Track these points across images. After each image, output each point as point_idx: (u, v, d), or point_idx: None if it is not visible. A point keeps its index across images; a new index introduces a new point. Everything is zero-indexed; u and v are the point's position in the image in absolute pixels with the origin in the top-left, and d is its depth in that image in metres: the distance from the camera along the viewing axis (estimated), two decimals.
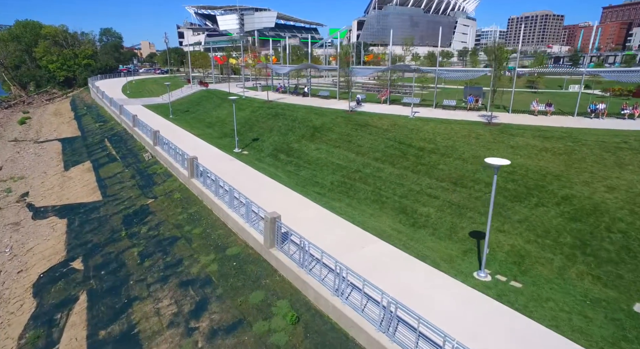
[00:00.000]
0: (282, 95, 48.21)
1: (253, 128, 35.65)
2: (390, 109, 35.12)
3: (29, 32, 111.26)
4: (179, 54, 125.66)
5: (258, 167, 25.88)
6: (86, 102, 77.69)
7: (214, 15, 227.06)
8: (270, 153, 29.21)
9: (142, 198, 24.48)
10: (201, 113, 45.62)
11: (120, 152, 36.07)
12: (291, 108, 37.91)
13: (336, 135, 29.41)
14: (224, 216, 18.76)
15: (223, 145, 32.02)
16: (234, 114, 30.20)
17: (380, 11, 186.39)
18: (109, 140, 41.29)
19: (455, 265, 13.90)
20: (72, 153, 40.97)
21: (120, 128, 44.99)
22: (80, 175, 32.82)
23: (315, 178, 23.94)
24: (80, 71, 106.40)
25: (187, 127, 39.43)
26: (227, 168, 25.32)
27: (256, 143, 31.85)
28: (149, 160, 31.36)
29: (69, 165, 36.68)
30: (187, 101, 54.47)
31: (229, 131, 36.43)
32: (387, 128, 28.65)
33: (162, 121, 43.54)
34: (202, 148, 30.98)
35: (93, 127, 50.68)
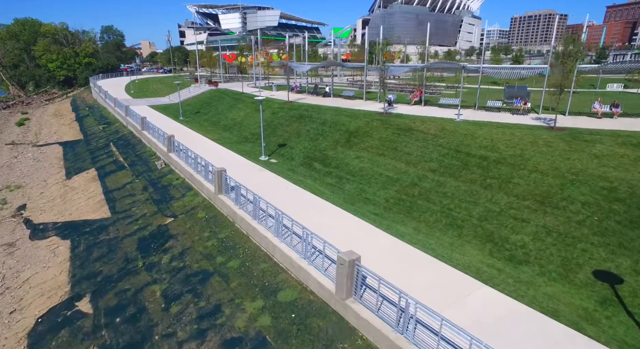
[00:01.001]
0: (300, 95, 44.45)
1: (276, 131, 31.88)
2: (427, 111, 31.41)
3: (28, 30, 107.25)
4: (183, 53, 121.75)
5: (293, 178, 22.14)
6: (87, 102, 73.79)
7: (215, 14, 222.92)
8: (302, 161, 25.48)
9: (158, 216, 20.73)
10: (214, 115, 41.84)
11: (128, 158, 32.28)
12: (316, 109, 34.16)
13: (377, 141, 25.68)
14: (267, 246, 15.04)
15: (246, 151, 28.25)
16: (260, 117, 26.40)
17: (386, 10, 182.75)
18: (115, 145, 37.48)
19: (604, 328, 10.19)
20: (75, 158, 37.15)
21: (127, 131, 41.18)
22: (85, 185, 29.03)
23: (365, 193, 20.23)
24: (81, 70, 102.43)
25: (201, 131, 35.65)
26: (259, 180, 21.57)
27: (284, 149, 28.10)
28: (162, 168, 27.60)
29: (71, 173, 32.88)
30: (196, 101, 50.66)
31: (249, 135, 32.68)
32: (435, 134, 24.93)
33: (172, 124, 39.75)
34: (223, 155, 27.22)
35: (96, 130, 46.85)
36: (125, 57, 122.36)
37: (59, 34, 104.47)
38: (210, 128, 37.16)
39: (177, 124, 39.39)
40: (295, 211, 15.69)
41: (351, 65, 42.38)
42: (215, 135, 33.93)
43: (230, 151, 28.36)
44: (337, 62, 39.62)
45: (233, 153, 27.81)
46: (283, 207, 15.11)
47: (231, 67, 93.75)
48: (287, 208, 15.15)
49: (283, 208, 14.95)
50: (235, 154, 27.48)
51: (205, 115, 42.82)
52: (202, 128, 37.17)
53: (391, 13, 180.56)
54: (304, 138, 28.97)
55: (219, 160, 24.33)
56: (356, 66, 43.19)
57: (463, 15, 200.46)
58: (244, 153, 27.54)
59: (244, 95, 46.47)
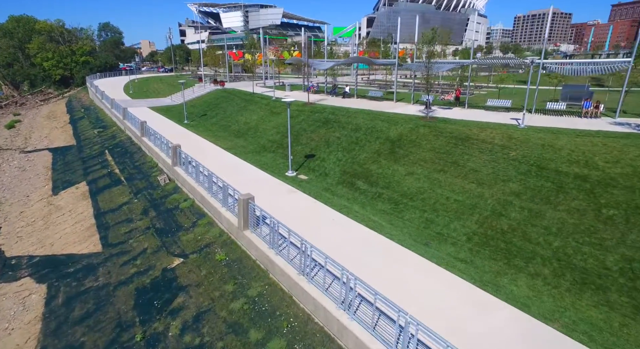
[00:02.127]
0: (318, 96, 39.51)
1: (299, 139, 26.94)
2: (475, 115, 26.54)
3: (22, 27, 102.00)
4: (185, 51, 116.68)
5: (335, 203, 17.23)
6: (84, 103, 68.72)
7: (216, 13, 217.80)
8: (340, 179, 20.53)
9: (162, 254, 15.81)
10: (223, 118, 36.86)
11: (125, 169, 27.34)
12: (343, 112, 29.23)
13: (429, 153, 20.75)
14: (328, 321, 10.13)
15: (267, 164, 23.30)
16: (288, 125, 21.56)
17: (391, 8, 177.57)
18: (111, 153, 32.52)
19: None
20: (64, 168, 32.17)
21: (124, 137, 36.21)
22: (73, 204, 24.08)
23: (434, 225, 15.33)
24: (78, 69, 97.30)
25: (210, 137, 30.69)
26: (292, 206, 16.68)
27: (313, 162, 23.16)
28: (165, 184, 22.67)
29: (58, 187, 27.90)
30: (202, 103, 45.68)
31: (267, 143, 27.71)
32: (503, 144, 20.01)
33: (176, 128, 34.80)
34: (241, 169, 22.30)
35: (91, 134, 41.85)
36: (125, 56, 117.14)
37: (54, 32, 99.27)
38: (220, 133, 32.19)
39: (181, 129, 34.43)
40: (352, 257, 10.91)
41: (381, 62, 37.39)
42: (227, 142, 28.96)
43: (248, 164, 23.40)
44: (363, 57, 34.63)
45: (252, 166, 22.86)
46: (337, 252, 10.32)
47: (235, 65, 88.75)
48: (342, 253, 10.37)
49: (336, 252, 10.18)
50: (255, 168, 22.52)
51: (213, 118, 37.86)
52: (211, 133, 32.21)
53: (396, 11, 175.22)
54: (335, 148, 24.04)
55: (236, 176, 19.46)
56: (387, 63, 38.28)
57: (469, 13, 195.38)
58: (265, 167, 22.59)
59: (255, 96, 41.52)
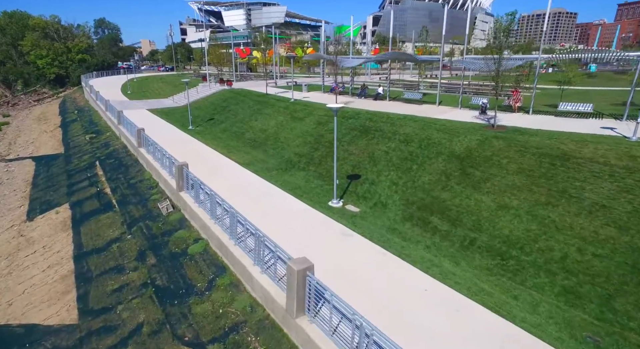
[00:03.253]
0: (344, 98, 34.16)
1: (333, 152, 21.57)
2: (550, 123, 21.24)
3: (15, 23, 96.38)
4: (186, 50, 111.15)
5: (414, 255, 11.90)
6: (78, 104, 63.27)
7: (217, 12, 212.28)
8: (405, 212, 15.13)
9: (165, 338, 10.46)
10: (235, 124, 31.46)
11: (118, 189, 21.97)
12: (383, 118, 23.88)
13: (519, 177, 15.40)
14: None
15: (299, 188, 17.92)
16: (334, 137, 16.31)
17: (397, 6, 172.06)
18: (102, 165, 27.14)
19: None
20: (46, 184, 26.78)
21: (119, 145, 30.85)
22: (49, 237, 18.71)
23: (586, 302, 10.00)
24: (74, 68, 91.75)
25: (220, 148, 25.34)
26: (352, 260, 11.37)
27: (361, 185, 17.76)
28: (168, 214, 17.32)
29: (35, 210, 22.50)
30: (208, 105, 40.28)
31: (294, 157, 22.31)
32: (627, 166, 14.68)
33: (179, 135, 29.45)
34: (268, 196, 16.94)
35: (82, 141, 36.44)
36: (123, 54, 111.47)
37: (49, 28, 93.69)
38: (233, 143, 26.81)
39: (185, 136, 29.06)
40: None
41: (424, 59, 31.91)
42: (242, 155, 23.59)
43: (275, 187, 18.03)
44: (401, 53, 29.31)
45: (281, 191, 17.48)
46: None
47: (240, 64, 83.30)
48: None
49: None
50: (285, 194, 17.15)
51: (221, 124, 32.47)
52: (221, 143, 26.84)
53: (403, 9, 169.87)
54: (385, 166, 18.68)
55: (264, 208, 14.15)
56: (431, 59, 32.97)
57: (476, 12, 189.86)
58: (299, 192, 17.23)
59: (269, 97, 36.13)
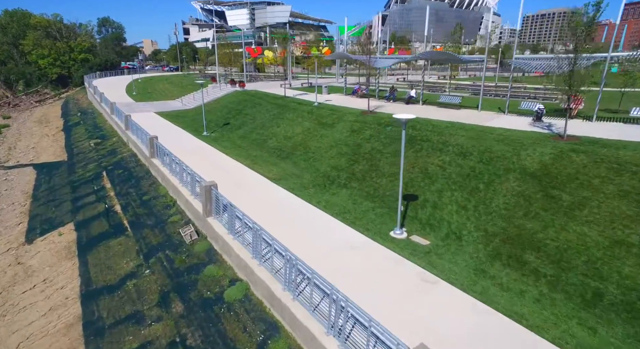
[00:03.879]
0: (372, 102, 31.36)
1: (377, 165, 18.74)
2: (626, 132, 18.46)
3: (17, 22, 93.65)
4: (192, 49, 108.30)
5: (530, 316, 9.06)
6: (81, 105, 60.51)
7: (220, 11, 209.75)
8: (488, 247, 12.21)
9: None
10: (254, 130, 28.60)
11: (129, 206, 19.17)
12: (427, 126, 21.04)
13: (626, 203, 12.48)
14: None
15: (348, 211, 15.01)
16: (402, 156, 13.59)
17: (404, 5, 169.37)
18: (110, 176, 24.35)
19: None
20: (48, 197, 23.96)
21: (127, 152, 28.06)
22: (51, 268, 15.90)
23: None
24: (77, 68, 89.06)
25: (243, 158, 22.49)
26: (446, 325, 8.56)
27: (421, 209, 14.82)
28: (192, 242, 14.51)
29: (35, 230, 19.68)
30: (220, 108, 37.45)
31: (330, 171, 19.44)
32: None
33: (194, 143, 26.64)
34: (313, 221, 14.08)
35: (86, 147, 33.63)
36: (127, 54, 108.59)
37: (51, 27, 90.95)
38: (256, 152, 23.96)
39: (201, 144, 26.23)
40: None
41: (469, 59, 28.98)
42: (269, 167, 20.73)
43: (317, 209, 15.16)
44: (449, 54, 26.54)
45: (327, 215, 14.59)
46: None
47: (247, 64, 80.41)
48: None
49: None
50: (332, 219, 14.26)
51: (239, 130, 29.62)
52: (243, 152, 23.99)
53: (409, 9, 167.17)
54: (444, 184, 15.86)
55: (313, 240, 11.34)
56: (475, 59, 30.20)
57: (483, 12, 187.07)
58: (348, 218, 14.34)
59: (288, 101, 33.31)
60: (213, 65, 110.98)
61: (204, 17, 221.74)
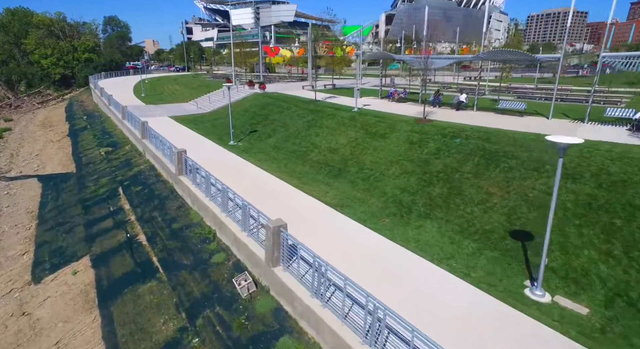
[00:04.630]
0: (416, 107, 28.03)
1: (459, 189, 15.32)
2: None
3: (18, 20, 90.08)
4: (199, 49, 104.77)
5: None
6: (86, 107, 57.07)
7: (223, 11, 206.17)
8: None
9: None
10: (288, 139, 25.15)
11: (157, 237, 15.77)
12: (506, 139, 17.62)
13: None
14: None
15: (451, 256, 11.54)
16: (555, 184, 10.70)
17: (411, 4, 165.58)
18: (127, 193, 20.93)
19: None
20: (57, 219, 20.52)
21: (145, 164, 24.65)
22: (66, 323, 12.47)
23: None
24: (80, 68, 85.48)
25: (286, 175, 19.04)
26: None
27: (551, 255, 11.45)
28: (250, 296, 11.12)
29: (43, 264, 16.26)
30: (242, 112, 34.01)
31: (399, 194, 15.99)
32: None
33: (223, 154, 23.18)
34: (406, 270, 10.68)
35: (96, 156, 30.21)
36: (131, 53, 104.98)
37: (54, 26, 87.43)
38: (298, 167, 20.53)
39: (231, 156, 22.77)
40: None
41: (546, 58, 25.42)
42: (322, 187, 17.28)
43: (409, 252, 11.67)
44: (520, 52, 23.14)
45: (427, 263, 11.16)
46: None
47: (256, 64, 76.87)
48: None
49: None
50: (435, 267, 10.84)
51: (270, 138, 26.18)
52: (283, 166, 20.57)
53: (417, 8, 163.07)
54: (560, 216, 12.45)
55: (416, 302, 7.85)
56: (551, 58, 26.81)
57: (491, 11, 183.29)
58: (458, 268, 10.91)
59: (321, 105, 29.88)
60: (219, 65, 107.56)
61: (207, 16, 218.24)
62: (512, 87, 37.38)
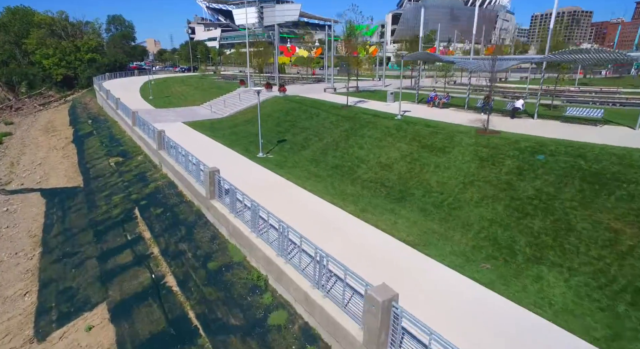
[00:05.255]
0: (465, 114, 24.95)
1: (568, 224, 12.22)
2: None
3: (19, 20, 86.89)
4: (205, 48, 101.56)
5: None
6: (91, 110, 53.94)
7: (226, 10, 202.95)
8: None
9: None
10: (326, 151, 21.99)
11: (190, 281, 12.66)
12: (608, 157, 14.55)
13: None
14: None
15: (620, 337, 8.58)
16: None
17: (418, 3, 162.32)
18: (145, 217, 17.83)
19: None
20: (64, 247, 17.40)
21: (162, 179, 21.55)
22: None
23: None
24: (83, 68, 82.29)
25: (337, 198, 15.88)
26: None
27: None
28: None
29: (48, 312, 13.16)
30: (264, 117, 30.78)
31: (490, 227, 12.84)
32: None
33: (253, 170, 20.01)
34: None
35: (105, 167, 27.10)
36: (135, 53, 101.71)
37: (56, 25, 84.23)
38: (348, 187, 17.39)
39: (265, 172, 19.62)
40: None
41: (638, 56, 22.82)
42: (389, 217, 14.12)
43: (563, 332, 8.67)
44: (621, 52, 20.09)
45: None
46: None
47: (267, 65, 73.50)
48: None
49: None
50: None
51: (304, 150, 23.03)
52: (330, 187, 17.44)
53: (424, 7, 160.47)
54: None
55: None
56: None
57: (498, 10, 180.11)
58: None
59: (356, 111, 26.78)
60: (225, 66, 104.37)
61: (209, 16, 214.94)
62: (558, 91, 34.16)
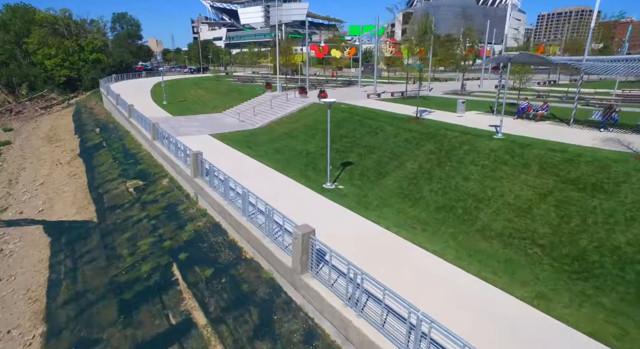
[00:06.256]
0: (585, 132, 19.80)
1: None
2: None
3: (20, 18, 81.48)
4: (215, 48, 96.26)
5: None
6: (97, 116, 48.69)
7: (230, 9, 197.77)
8: None
9: None
10: (414, 180, 16.78)
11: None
12: None
13: None
14: None
15: None
16: None
17: (429, 2, 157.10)
18: (188, 279, 12.66)
19: None
20: (78, 330, 12.23)
21: (200, 216, 16.37)
22: None
23: None
24: (87, 69, 77.01)
25: (470, 263, 10.80)
26: None
27: None
28: None
29: None
30: (307, 130, 25.72)
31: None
32: None
33: (331, 211, 14.69)
34: None
35: (122, 192, 21.88)
36: (142, 53, 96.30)
37: (58, 23, 78.87)
38: (481, 243, 12.25)
39: (353, 217, 14.33)
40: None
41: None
42: (582, 304, 9.08)
43: None
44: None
45: None
46: None
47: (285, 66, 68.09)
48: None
49: None
50: None
51: (384, 178, 17.78)
52: (452, 242, 12.31)
53: (435, 6, 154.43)
54: None
55: None
56: None
57: (512, 9, 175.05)
58: None
59: (434, 127, 21.57)
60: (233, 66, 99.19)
61: (214, 15, 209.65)
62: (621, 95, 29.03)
